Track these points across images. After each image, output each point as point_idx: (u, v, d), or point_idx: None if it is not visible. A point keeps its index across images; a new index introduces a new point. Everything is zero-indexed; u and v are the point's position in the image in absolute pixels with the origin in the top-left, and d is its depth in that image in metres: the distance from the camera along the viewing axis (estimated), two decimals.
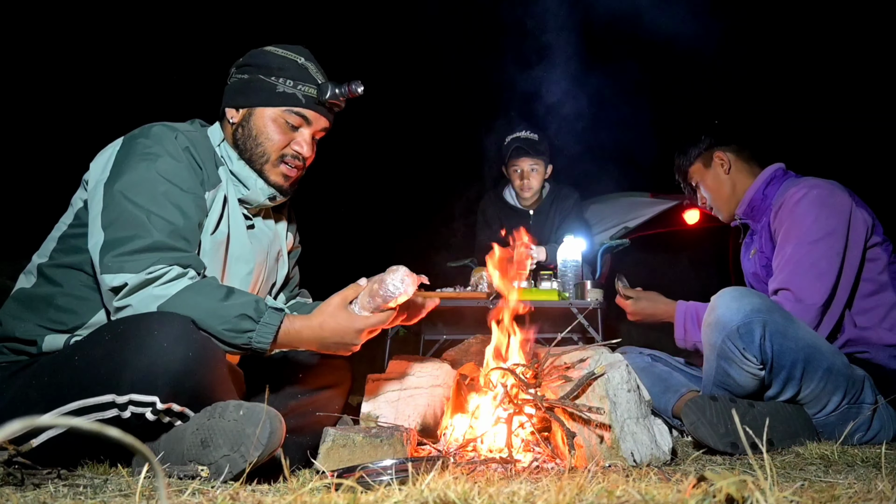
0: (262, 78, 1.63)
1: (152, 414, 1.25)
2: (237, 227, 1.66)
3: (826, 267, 1.94)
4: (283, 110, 1.63)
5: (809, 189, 2.03)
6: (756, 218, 2.25)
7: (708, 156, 2.31)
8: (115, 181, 1.44)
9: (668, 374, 2.14)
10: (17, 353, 1.49)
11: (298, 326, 1.47)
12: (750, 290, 1.84)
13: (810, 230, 1.98)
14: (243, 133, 1.65)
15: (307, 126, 1.67)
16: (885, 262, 2.05)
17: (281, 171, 1.67)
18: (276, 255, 1.84)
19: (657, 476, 1.19)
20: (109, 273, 1.38)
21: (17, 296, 1.55)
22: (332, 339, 1.49)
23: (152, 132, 1.52)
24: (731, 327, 1.75)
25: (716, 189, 2.31)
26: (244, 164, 1.65)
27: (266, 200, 1.69)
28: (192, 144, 1.57)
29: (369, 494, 0.90)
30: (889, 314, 2.03)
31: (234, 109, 1.67)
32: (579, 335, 3.46)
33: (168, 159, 1.49)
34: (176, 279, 1.39)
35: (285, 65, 1.64)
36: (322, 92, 1.65)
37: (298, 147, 1.66)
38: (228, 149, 1.67)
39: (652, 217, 5.14)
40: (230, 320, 1.37)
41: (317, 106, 1.66)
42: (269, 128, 1.63)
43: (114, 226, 1.41)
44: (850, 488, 1.03)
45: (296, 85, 1.63)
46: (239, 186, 1.67)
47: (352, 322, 1.49)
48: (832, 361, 1.79)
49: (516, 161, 3.80)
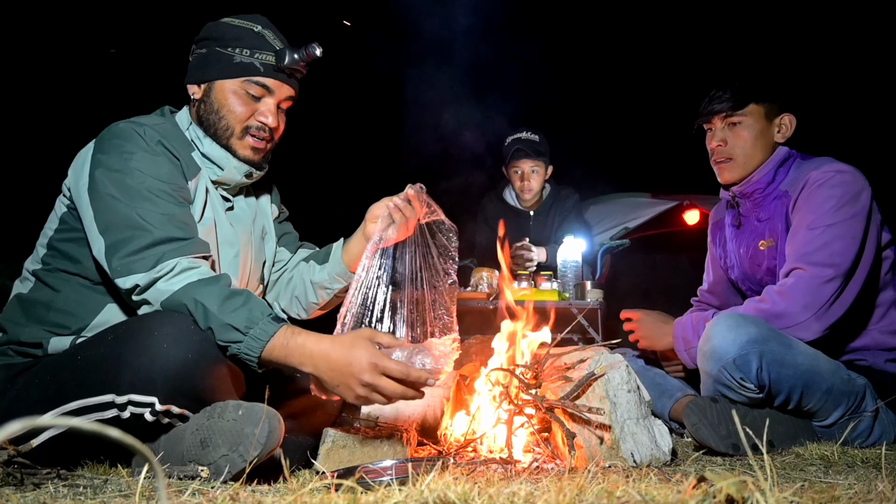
0: (218, 50, 1.58)
1: (151, 415, 1.25)
2: (218, 211, 1.64)
3: (840, 248, 1.85)
4: (242, 81, 1.58)
5: (834, 174, 1.92)
6: (757, 201, 2.10)
7: (777, 110, 2.06)
8: (98, 184, 1.43)
9: (662, 377, 2.13)
10: (23, 355, 1.49)
11: (304, 340, 1.32)
12: (746, 318, 1.78)
13: (826, 215, 1.88)
14: (205, 108, 1.61)
15: (270, 95, 1.61)
16: (891, 260, 2.02)
17: (248, 143, 1.62)
18: (262, 232, 1.81)
19: (657, 476, 1.19)
20: (120, 277, 1.37)
21: (16, 301, 1.54)
22: (340, 364, 1.30)
23: (120, 131, 1.50)
24: (727, 359, 1.72)
25: (754, 144, 2.04)
26: (213, 144, 1.60)
27: (243, 178, 1.65)
28: (164, 136, 1.54)
29: (369, 495, 0.90)
30: (888, 313, 2.01)
31: (195, 86, 1.63)
32: (579, 335, 3.46)
33: (144, 154, 1.47)
34: (181, 273, 1.37)
35: (241, 34, 1.59)
36: (280, 58, 1.59)
37: (263, 118, 1.61)
38: (197, 129, 1.62)
39: (652, 217, 5.14)
40: (219, 329, 1.31)
41: (276, 73, 1.60)
42: (230, 100, 1.58)
43: (110, 229, 1.39)
44: (851, 489, 1.03)
45: (252, 53, 1.58)
46: (213, 168, 1.63)
47: (372, 355, 1.30)
48: (832, 382, 1.76)
49: (516, 163, 3.81)
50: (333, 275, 1.80)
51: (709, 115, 2.10)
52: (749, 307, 1.90)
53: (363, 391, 1.30)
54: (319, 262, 1.85)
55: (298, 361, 1.32)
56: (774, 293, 1.89)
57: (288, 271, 1.90)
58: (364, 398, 1.32)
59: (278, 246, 1.88)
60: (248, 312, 1.32)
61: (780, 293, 1.87)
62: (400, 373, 1.30)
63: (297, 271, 1.89)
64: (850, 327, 1.99)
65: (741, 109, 2.04)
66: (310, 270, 1.85)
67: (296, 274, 1.88)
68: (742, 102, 2.04)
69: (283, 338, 1.32)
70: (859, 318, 2.00)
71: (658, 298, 4.77)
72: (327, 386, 1.34)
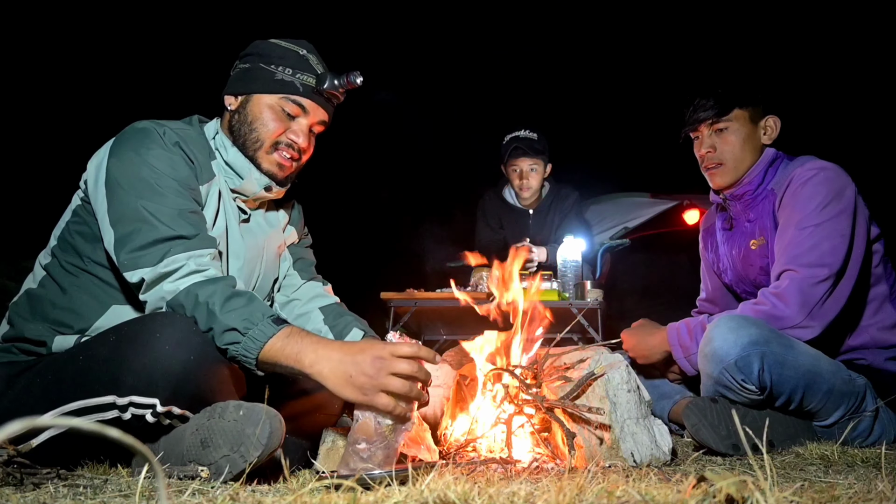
0: (261, 66, 1.62)
1: (152, 416, 1.25)
2: (231, 220, 1.65)
3: (830, 247, 1.86)
4: (280, 97, 1.61)
5: (817, 171, 1.93)
6: (747, 202, 2.11)
7: (761, 113, 2.09)
8: (113, 178, 1.45)
9: (660, 380, 2.14)
10: (27, 353, 1.49)
11: (306, 341, 1.29)
12: (747, 320, 1.78)
13: (814, 214, 1.89)
14: (239, 119, 1.63)
15: (304, 116, 1.64)
16: (881, 254, 2.03)
17: (275, 159, 1.63)
18: (277, 249, 1.81)
19: (657, 476, 1.19)
20: (128, 270, 1.39)
21: (25, 296, 1.56)
22: (364, 362, 1.25)
23: (141, 127, 1.52)
24: (728, 361, 1.72)
25: (741, 148, 2.06)
26: (238, 153, 1.62)
27: (262, 191, 1.66)
28: (183, 140, 1.55)
29: (369, 495, 0.90)
30: (882, 307, 2.01)
31: (232, 97, 1.66)
32: (579, 335, 3.46)
33: (160, 150, 1.49)
34: (188, 275, 1.37)
35: (286, 54, 1.63)
36: (320, 81, 1.62)
37: (294, 136, 1.63)
38: (224, 138, 1.64)
39: (652, 217, 5.15)
40: (219, 329, 1.31)
41: (314, 95, 1.63)
42: (265, 114, 1.61)
43: (120, 222, 1.41)
44: (850, 488, 1.03)
45: (294, 73, 1.61)
46: (233, 177, 1.64)
47: (380, 350, 1.27)
48: (832, 383, 1.77)
49: (515, 161, 3.80)
50: None
51: (695, 124, 2.12)
52: (746, 309, 1.89)
53: (370, 390, 1.25)
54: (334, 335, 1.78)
55: (297, 362, 1.28)
56: (770, 295, 1.88)
57: (301, 303, 1.85)
58: (370, 399, 1.26)
59: (292, 268, 1.87)
60: (247, 313, 1.31)
61: (776, 295, 1.87)
62: (410, 351, 1.27)
63: (310, 317, 1.82)
64: (845, 325, 1.99)
65: (727, 115, 2.06)
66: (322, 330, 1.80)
67: (307, 318, 1.83)
68: (727, 108, 2.06)
69: (283, 340, 1.29)
70: (854, 314, 2.00)
71: (658, 298, 4.77)
72: (330, 389, 1.29)
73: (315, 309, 1.84)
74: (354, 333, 1.77)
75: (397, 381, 1.26)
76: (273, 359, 1.30)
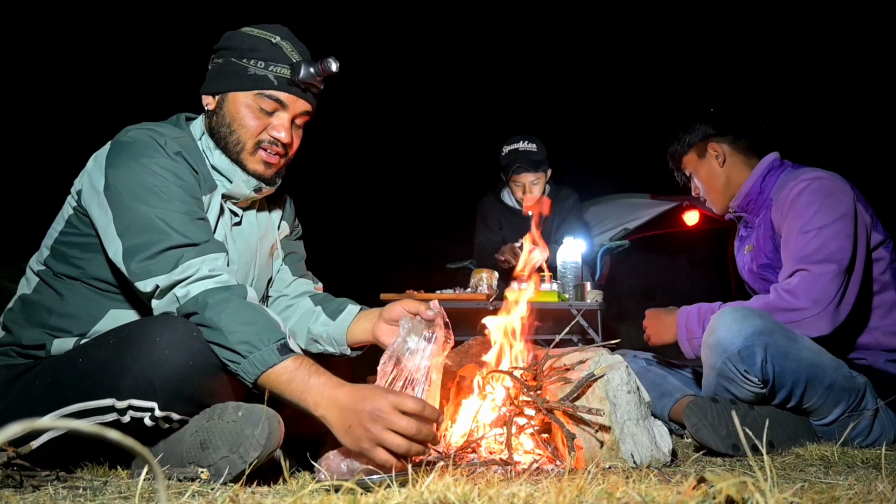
0: (234, 61, 1.54)
1: (150, 420, 1.25)
2: (226, 227, 1.61)
3: (837, 246, 1.86)
4: (255, 94, 1.52)
5: (811, 181, 1.96)
6: (753, 211, 2.17)
7: (702, 146, 2.21)
8: (116, 186, 1.40)
9: (662, 378, 2.13)
10: (26, 356, 1.48)
11: (311, 378, 1.24)
12: (751, 311, 1.78)
13: (815, 218, 1.90)
14: (218, 120, 1.56)
15: (283, 110, 1.54)
16: (887, 261, 2.03)
17: (260, 157, 1.56)
18: (270, 249, 1.76)
19: (657, 477, 1.19)
20: (139, 280, 1.35)
21: (20, 302, 1.54)
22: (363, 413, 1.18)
23: (140, 136, 1.47)
24: (731, 350, 1.72)
25: (709, 181, 2.21)
26: (223, 156, 1.56)
27: (251, 192, 1.60)
28: (184, 149, 1.51)
29: (369, 496, 0.90)
30: (890, 313, 2.02)
31: (209, 96, 1.59)
32: (579, 336, 3.46)
33: (165, 160, 1.45)
34: (201, 280, 1.34)
35: (258, 45, 1.53)
36: (295, 72, 1.52)
37: (276, 132, 1.55)
38: (209, 140, 1.58)
39: (651, 218, 5.15)
40: (221, 350, 1.28)
41: (291, 87, 1.53)
42: (242, 113, 1.53)
43: (129, 231, 1.37)
44: (850, 489, 1.03)
45: (267, 66, 1.52)
46: (223, 181, 1.58)
47: (384, 402, 1.18)
48: (834, 378, 1.77)
49: (517, 177, 3.78)
50: (332, 338, 1.72)
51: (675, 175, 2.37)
52: (759, 302, 1.90)
53: (367, 443, 1.18)
54: (327, 313, 1.75)
55: (302, 401, 1.24)
56: (782, 290, 1.89)
57: (288, 298, 1.81)
58: (367, 451, 1.18)
59: (283, 263, 1.82)
60: (252, 334, 1.26)
61: (789, 291, 1.87)
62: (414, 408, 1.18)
63: (298, 306, 1.79)
64: (852, 327, 1.99)
65: (681, 167, 2.30)
66: (312, 316, 1.75)
67: (295, 307, 1.79)
68: (678, 163, 2.30)
69: (291, 373, 1.24)
70: (860, 317, 2.00)
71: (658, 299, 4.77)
72: (332, 429, 1.23)
73: (304, 297, 1.80)
74: (350, 309, 1.73)
75: (396, 438, 1.16)
76: (276, 388, 1.25)
